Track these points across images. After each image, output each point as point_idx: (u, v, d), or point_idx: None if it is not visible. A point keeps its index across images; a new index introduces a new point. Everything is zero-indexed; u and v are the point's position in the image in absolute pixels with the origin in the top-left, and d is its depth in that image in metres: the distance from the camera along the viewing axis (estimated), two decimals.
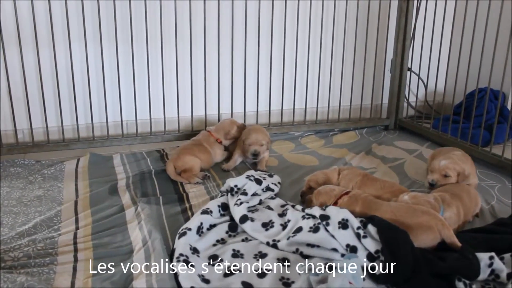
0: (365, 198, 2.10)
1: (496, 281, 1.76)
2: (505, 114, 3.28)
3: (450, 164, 2.35)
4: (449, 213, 2.06)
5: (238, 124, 3.03)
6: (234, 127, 3.00)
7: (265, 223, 2.11)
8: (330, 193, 2.19)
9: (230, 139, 3.00)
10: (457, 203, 2.12)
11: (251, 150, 2.80)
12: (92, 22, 2.97)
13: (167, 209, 2.31)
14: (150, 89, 3.15)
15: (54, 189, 2.54)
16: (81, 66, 3.03)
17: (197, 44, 3.17)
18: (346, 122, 3.67)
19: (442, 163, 2.35)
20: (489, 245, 1.89)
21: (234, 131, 2.99)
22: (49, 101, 3.04)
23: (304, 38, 3.44)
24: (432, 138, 3.38)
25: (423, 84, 3.78)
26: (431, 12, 3.39)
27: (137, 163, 2.90)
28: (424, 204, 2.04)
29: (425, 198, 2.08)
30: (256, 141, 2.81)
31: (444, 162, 2.35)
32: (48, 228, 2.12)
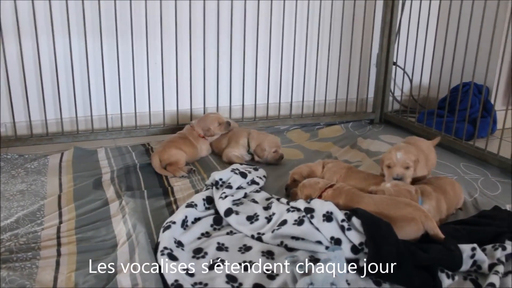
0: (348, 190, 2.11)
1: (478, 272, 1.78)
2: (489, 108, 3.31)
3: (406, 154, 2.29)
4: (427, 206, 2.06)
5: (220, 121, 2.93)
6: (215, 124, 2.90)
7: (249, 216, 2.11)
8: (314, 186, 2.19)
9: (210, 135, 2.92)
10: (439, 196, 2.13)
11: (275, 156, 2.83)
12: (76, 14, 2.94)
13: (151, 202, 2.30)
14: (135, 82, 3.12)
15: (37, 183, 2.51)
16: (65, 59, 3.00)
17: (182, 38, 3.16)
18: (331, 116, 3.68)
19: (399, 155, 2.29)
20: (471, 237, 1.91)
21: (214, 127, 2.90)
22: (33, 95, 3.01)
23: (290, 32, 3.44)
24: (417, 132, 3.40)
25: (408, 78, 3.80)
26: (416, 7, 3.41)
27: (122, 157, 2.88)
28: (404, 193, 2.05)
29: (407, 187, 2.10)
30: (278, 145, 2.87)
31: (400, 154, 2.28)
32: (31, 222, 2.10)
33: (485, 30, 2.85)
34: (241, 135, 2.91)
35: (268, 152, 2.82)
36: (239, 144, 2.89)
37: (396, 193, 2.06)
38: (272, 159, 2.83)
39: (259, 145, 2.83)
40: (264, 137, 2.87)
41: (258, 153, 2.83)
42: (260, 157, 2.83)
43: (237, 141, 2.89)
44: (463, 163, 2.91)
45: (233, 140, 2.91)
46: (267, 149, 2.82)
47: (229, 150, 2.87)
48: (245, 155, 2.90)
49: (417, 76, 3.63)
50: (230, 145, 2.90)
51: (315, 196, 2.14)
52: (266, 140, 2.84)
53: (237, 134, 2.93)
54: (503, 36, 2.78)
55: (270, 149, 2.82)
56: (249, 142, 2.89)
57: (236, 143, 2.89)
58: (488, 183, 2.65)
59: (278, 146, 2.86)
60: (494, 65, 3.11)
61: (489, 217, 2.11)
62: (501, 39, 2.90)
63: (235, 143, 2.89)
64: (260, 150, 2.82)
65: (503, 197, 2.46)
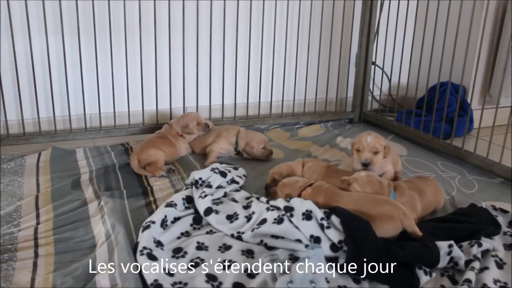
0: (327, 189, 2.12)
1: (455, 269, 1.81)
2: (465, 107, 3.36)
3: (376, 138, 2.34)
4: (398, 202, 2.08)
5: (199, 121, 2.92)
6: (194, 122, 2.90)
7: (229, 215, 2.11)
8: (294, 185, 2.20)
9: (188, 133, 2.91)
10: (413, 195, 2.15)
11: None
12: (53, 12, 2.90)
13: (131, 202, 2.29)
14: (114, 81, 3.09)
15: (14, 184, 2.47)
16: (42, 57, 2.96)
17: (161, 37, 3.14)
18: (311, 115, 3.70)
19: (369, 139, 2.32)
20: (448, 234, 1.93)
21: (193, 126, 2.89)
22: (8, 94, 2.96)
23: (269, 32, 3.45)
24: (395, 131, 3.44)
25: (387, 78, 3.84)
26: (394, 7, 3.44)
27: (101, 157, 2.85)
28: (375, 183, 2.09)
29: (379, 179, 2.13)
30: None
31: (370, 138, 2.32)
32: (7, 223, 2.07)
33: (461, 31, 2.90)
34: (231, 133, 2.95)
35: (256, 149, 2.88)
36: (228, 141, 2.93)
37: (368, 182, 2.09)
38: (261, 155, 2.89)
39: (247, 144, 2.89)
40: (252, 135, 2.93)
41: (247, 151, 2.90)
42: (250, 155, 2.90)
43: (226, 138, 2.93)
44: (441, 161, 2.95)
45: (222, 136, 2.94)
46: (256, 146, 2.88)
47: (215, 145, 2.90)
48: (231, 151, 2.95)
49: (395, 76, 3.67)
50: (218, 140, 2.92)
51: (295, 195, 2.15)
52: (254, 139, 2.90)
53: (226, 131, 2.96)
54: (479, 37, 2.83)
55: (259, 146, 2.89)
56: (237, 140, 2.92)
57: (225, 139, 2.93)
58: (465, 181, 2.69)
59: (266, 143, 2.94)
60: (471, 65, 3.16)
61: (466, 214, 2.13)
62: (477, 39, 2.94)
63: (224, 139, 2.93)
64: (249, 148, 2.89)
65: (480, 195, 2.50)
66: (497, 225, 2.06)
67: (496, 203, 2.33)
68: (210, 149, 2.88)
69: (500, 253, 1.90)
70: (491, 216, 2.12)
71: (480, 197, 2.47)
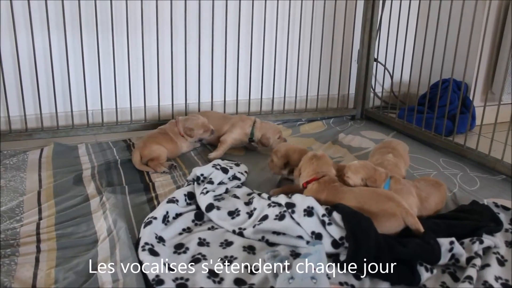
0: (332, 187, 2.10)
1: (456, 265, 1.81)
2: (467, 104, 3.36)
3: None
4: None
5: (206, 129, 2.86)
6: (200, 130, 2.84)
7: (231, 212, 2.11)
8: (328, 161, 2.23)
9: (189, 136, 2.85)
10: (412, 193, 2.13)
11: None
12: (56, 8, 2.90)
13: (132, 198, 2.29)
14: (116, 78, 3.10)
15: (16, 180, 2.48)
16: (44, 53, 2.96)
17: (163, 33, 3.14)
18: (313, 112, 3.70)
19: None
20: (450, 230, 1.94)
21: (197, 132, 2.84)
22: (11, 90, 2.96)
23: (271, 28, 3.44)
24: (397, 127, 3.44)
25: (389, 74, 3.84)
26: (397, 4, 3.43)
27: (103, 153, 2.86)
28: (369, 168, 2.12)
29: (374, 166, 2.15)
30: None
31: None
32: (9, 219, 2.08)
33: (463, 28, 2.89)
34: (246, 124, 2.96)
35: (273, 140, 2.91)
36: (243, 131, 2.95)
37: (361, 167, 2.12)
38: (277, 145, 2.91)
39: (263, 135, 2.91)
40: (267, 126, 2.96)
41: (264, 142, 2.91)
42: (266, 145, 2.92)
43: (242, 128, 2.95)
44: (443, 158, 2.95)
45: (237, 126, 2.95)
46: (272, 137, 2.91)
47: (230, 135, 2.92)
48: (245, 142, 2.98)
49: (397, 73, 3.66)
50: (232, 130, 2.94)
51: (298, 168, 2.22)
52: (269, 130, 2.93)
53: (242, 122, 2.98)
54: (481, 34, 2.82)
55: (274, 137, 2.92)
56: (253, 131, 2.94)
57: (241, 129, 2.95)
58: (467, 178, 2.68)
59: (281, 132, 2.98)
60: (473, 62, 3.16)
61: (468, 211, 2.14)
62: (479, 36, 2.94)
63: (239, 129, 2.95)
64: (266, 139, 2.90)
65: (481, 192, 2.50)
66: (498, 222, 2.06)
67: (498, 200, 2.32)
68: (224, 140, 2.89)
69: (502, 250, 1.91)
70: (492, 213, 2.12)
71: (482, 194, 2.47)
